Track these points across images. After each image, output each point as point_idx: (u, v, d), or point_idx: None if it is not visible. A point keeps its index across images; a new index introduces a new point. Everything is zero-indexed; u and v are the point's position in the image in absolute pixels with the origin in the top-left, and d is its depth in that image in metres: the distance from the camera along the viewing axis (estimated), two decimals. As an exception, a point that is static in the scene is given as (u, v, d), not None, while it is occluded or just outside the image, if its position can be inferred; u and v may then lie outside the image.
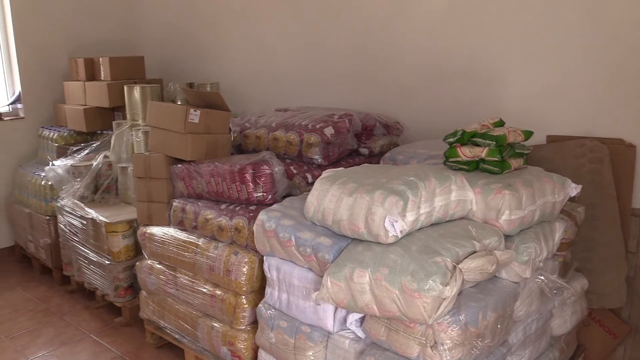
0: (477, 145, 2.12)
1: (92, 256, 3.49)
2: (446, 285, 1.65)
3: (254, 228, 2.31)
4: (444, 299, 1.66)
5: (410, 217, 1.82)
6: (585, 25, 2.59)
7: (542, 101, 2.78)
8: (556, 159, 2.63)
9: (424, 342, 1.75)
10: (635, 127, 2.54)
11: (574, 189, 2.18)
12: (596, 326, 2.68)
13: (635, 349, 2.64)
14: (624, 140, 2.55)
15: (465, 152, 2.12)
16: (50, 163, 3.93)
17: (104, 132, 4.17)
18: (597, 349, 2.68)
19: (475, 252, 1.80)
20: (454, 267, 1.70)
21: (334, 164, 2.77)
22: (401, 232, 1.80)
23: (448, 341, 1.70)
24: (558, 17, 2.65)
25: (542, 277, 2.08)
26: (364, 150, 2.96)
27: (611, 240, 2.58)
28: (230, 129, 3.02)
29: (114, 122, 3.90)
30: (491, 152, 2.07)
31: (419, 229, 1.91)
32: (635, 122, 2.53)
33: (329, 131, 2.72)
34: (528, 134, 2.18)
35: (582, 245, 2.62)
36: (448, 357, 1.71)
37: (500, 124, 2.23)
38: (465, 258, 1.76)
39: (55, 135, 4.26)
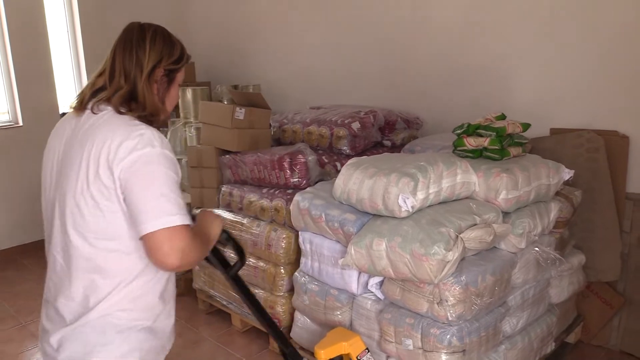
0: (481, 136, 2.32)
1: (152, 235, 3.78)
2: (449, 251, 1.88)
3: (291, 207, 2.57)
4: (447, 262, 1.89)
5: (420, 195, 2.05)
6: (585, 32, 2.75)
7: (546, 98, 2.94)
8: (557, 149, 2.80)
9: (432, 299, 1.98)
10: (628, 119, 2.69)
11: (567, 174, 2.36)
12: (594, 297, 2.84)
13: (629, 318, 2.78)
14: (618, 132, 2.70)
15: (470, 142, 2.32)
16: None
17: (162, 128, 4.45)
18: (595, 318, 2.84)
19: (475, 224, 2.02)
20: (456, 236, 1.93)
21: (360, 154, 2.97)
22: (412, 207, 2.03)
23: (451, 298, 1.93)
24: (561, 26, 2.83)
25: (537, 249, 2.27)
26: (387, 142, 3.18)
27: (607, 221, 2.73)
28: (270, 125, 3.26)
29: (169, 120, 4.20)
30: (492, 142, 2.27)
31: (428, 206, 2.13)
32: (628, 116, 2.69)
33: (355, 126, 2.96)
34: (526, 126, 2.36)
35: (582, 226, 2.78)
36: (451, 311, 1.94)
37: (502, 117, 2.42)
38: (467, 229, 1.99)
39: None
